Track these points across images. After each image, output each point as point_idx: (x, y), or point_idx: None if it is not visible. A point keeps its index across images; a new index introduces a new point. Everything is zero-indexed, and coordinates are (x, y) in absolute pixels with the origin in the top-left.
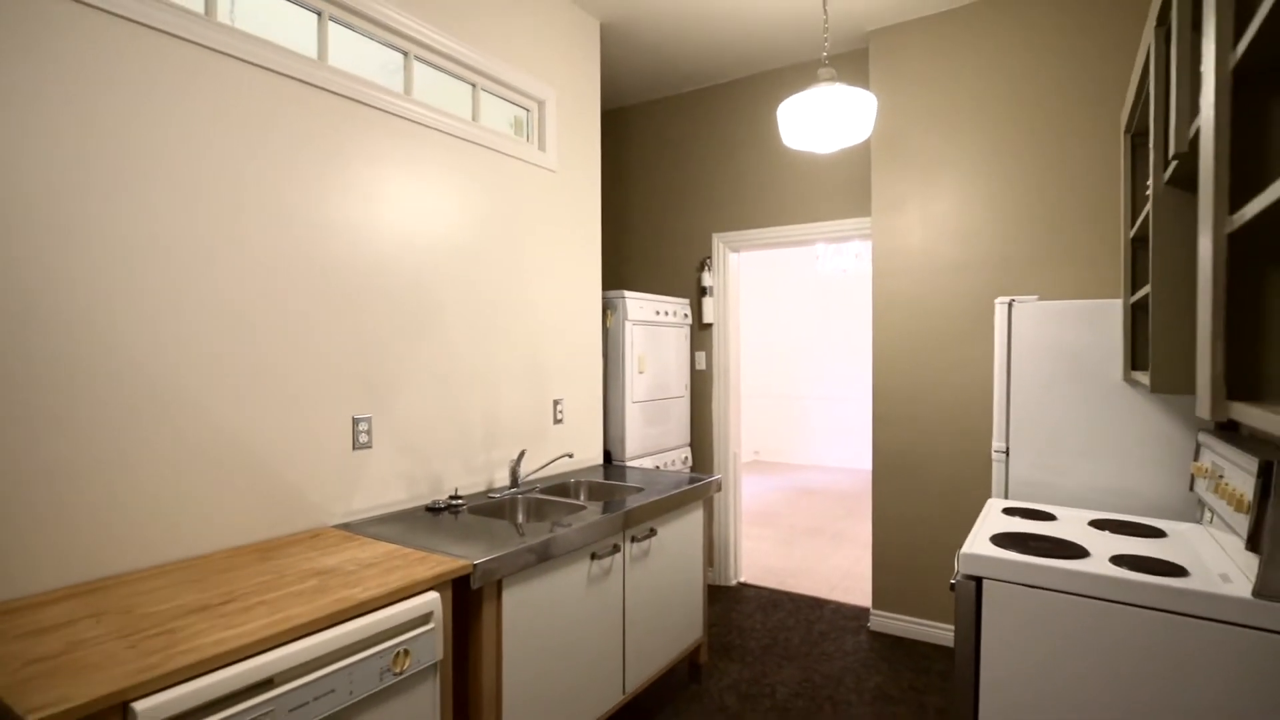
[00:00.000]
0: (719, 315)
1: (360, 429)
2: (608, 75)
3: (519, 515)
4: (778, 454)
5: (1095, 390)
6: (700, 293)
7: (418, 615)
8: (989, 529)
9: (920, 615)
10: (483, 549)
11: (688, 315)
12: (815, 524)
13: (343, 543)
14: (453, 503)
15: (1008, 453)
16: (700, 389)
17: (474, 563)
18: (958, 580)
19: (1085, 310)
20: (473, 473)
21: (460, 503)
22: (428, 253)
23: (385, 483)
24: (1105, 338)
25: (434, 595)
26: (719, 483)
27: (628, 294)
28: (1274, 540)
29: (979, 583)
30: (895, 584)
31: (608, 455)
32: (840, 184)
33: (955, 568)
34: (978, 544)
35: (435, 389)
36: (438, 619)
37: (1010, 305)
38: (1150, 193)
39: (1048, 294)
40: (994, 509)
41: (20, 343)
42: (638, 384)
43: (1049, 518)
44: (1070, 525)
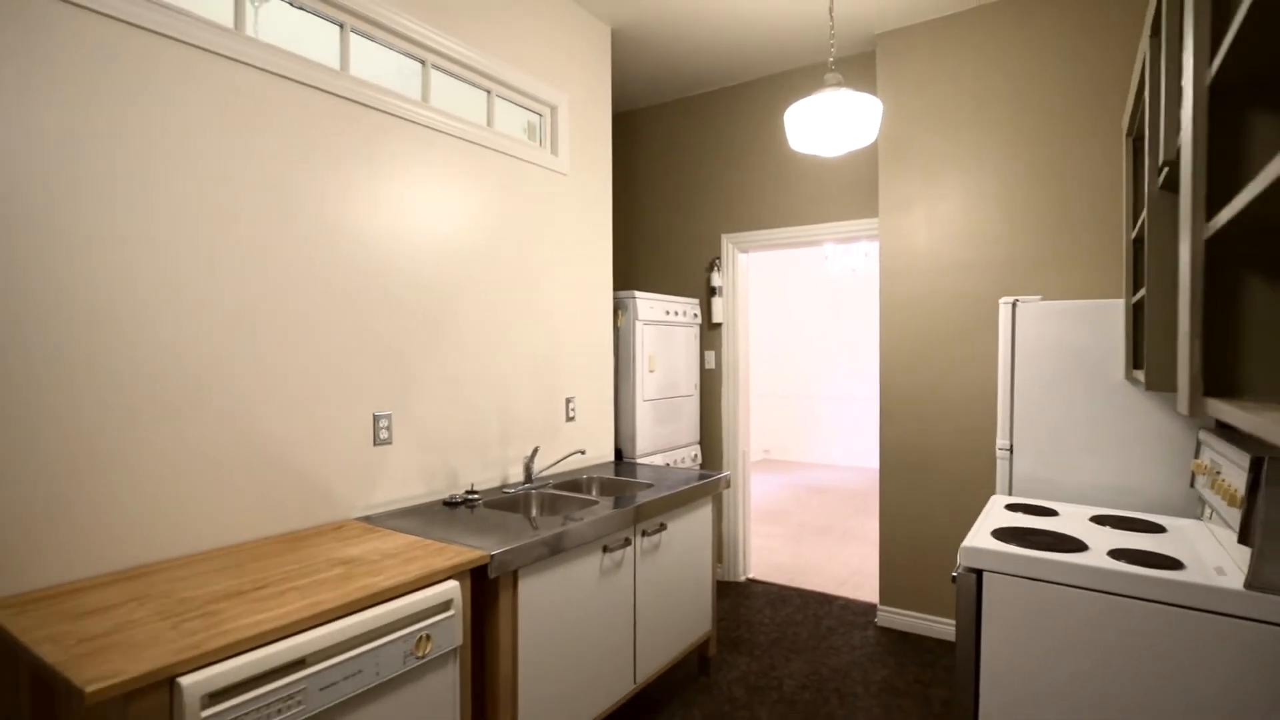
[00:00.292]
0: (728, 315)
1: (381, 425)
2: (618, 79)
3: (533, 509)
4: (788, 452)
5: (1098, 389)
6: (710, 293)
7: (439, 602)
8: (991, 524)
9: (926, 611)
10: (499, 541)
11: (697, 315)
12: (824, 522)
13: (365, 534)
14: (469, 497)
15: (1011, 450)
16: (710, 388)
17: (491, 554)
18: (959, 573)
19: (1088, 310)
20: (488, 468)
21: (476, 497)
22: (445, 255)
23: (404, 478)
24: (1107, 337)
25: (453, 584)
26: (728, 479)
27: (638, 294)
28: (1264, 533)
29: (979, 575)
30: (902, 580)
31: (619, 452)
32: (848, 185)
33: (957, 562)
34: (979, 538)
35: (452, 387)
36: (457, 606)
37: (1014, 305)
38: (1146, 196)
39: (1051, 294)
40: (997, 505)
41: (74, 342)
42: (648, 383)
43: (1051, 513)
44: (1071, 521)
